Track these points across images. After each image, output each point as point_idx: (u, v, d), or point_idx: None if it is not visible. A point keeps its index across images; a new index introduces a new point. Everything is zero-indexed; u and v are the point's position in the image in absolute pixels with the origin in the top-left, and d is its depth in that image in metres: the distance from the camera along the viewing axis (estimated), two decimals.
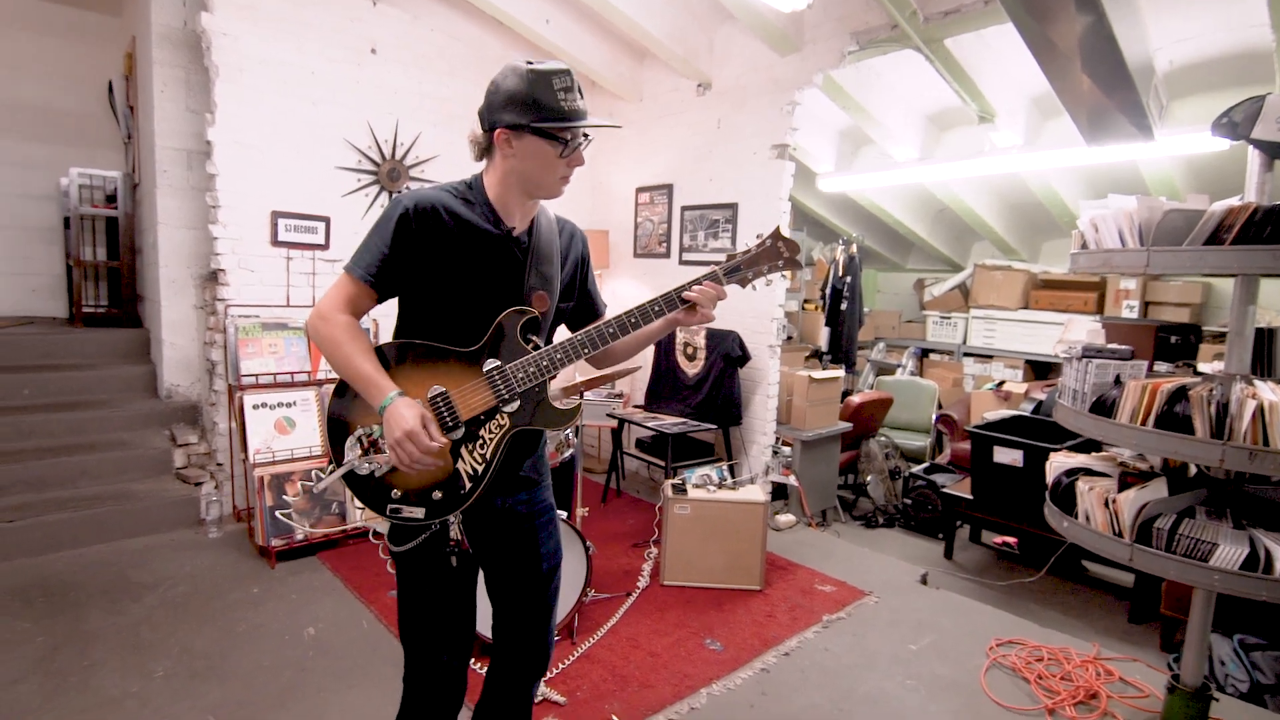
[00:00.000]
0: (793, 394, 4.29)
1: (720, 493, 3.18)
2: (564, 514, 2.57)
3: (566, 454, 2.92)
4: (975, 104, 4.21)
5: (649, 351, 4.71)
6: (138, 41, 4.38)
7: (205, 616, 2.73)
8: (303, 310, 3.98)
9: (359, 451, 1.32)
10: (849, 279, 5.55)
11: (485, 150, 1.36)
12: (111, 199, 4.91)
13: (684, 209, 4.60)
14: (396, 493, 1.33)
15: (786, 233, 1.43)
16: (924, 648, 2.77)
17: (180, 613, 2.75)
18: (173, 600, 2.83)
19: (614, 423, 4.38)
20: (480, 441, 1.33)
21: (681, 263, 4.63)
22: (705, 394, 4.16)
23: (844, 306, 5.54)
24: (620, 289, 5.05)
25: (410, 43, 4.32)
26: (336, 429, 1.35)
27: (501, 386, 1.32)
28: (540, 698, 2.26)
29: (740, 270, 1.42)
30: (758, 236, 1.44)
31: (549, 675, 2.40)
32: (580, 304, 1.58)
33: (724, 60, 4.31)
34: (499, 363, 1.33)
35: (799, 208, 6.62)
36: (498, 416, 1.33)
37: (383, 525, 1.38)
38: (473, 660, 2.26)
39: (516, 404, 1.34)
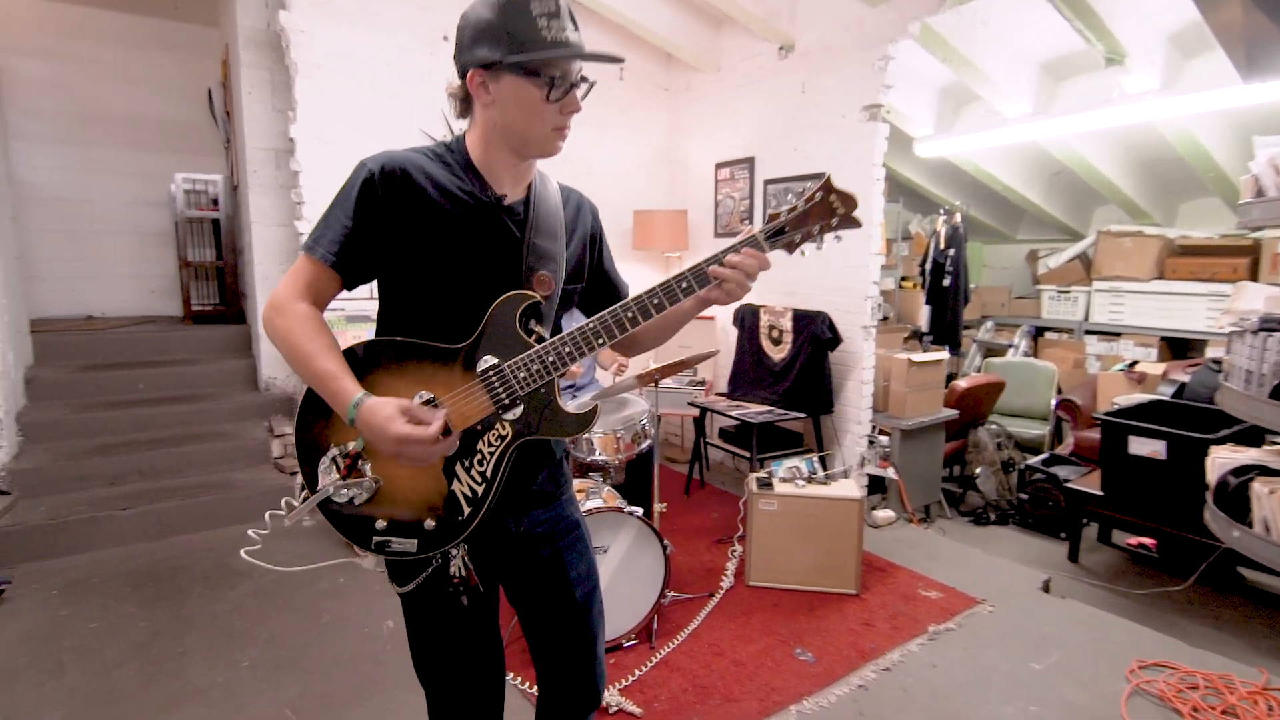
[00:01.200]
0: (890, 379, 3.95)
1: (810, 488, 2.93)
2: (639, 510, 2.41)
3: (644, 445, 2.77)
4: (1102, 44, 3.68)
5: (730, 336, 4.47)
6: (230, 48, 4.55)
7: (292, 605, 2.77)
8: None
9: (335, 475, 1.13)
10: (952, 252, 5.08)
11: (464, 103, 1.16)
12: (215, 202, 5.18)
13: (767, 183, 4.31)
14: (382, 523, 1.13)
15: (841, 185, 1.14)
16: (1049, 667, 2.43)
17: (270, 601, 2.80)
18: (264, 588, 2.90)
19: (695, 411, 4.18)
20: (479, 456, 1.13)
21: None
22: (793, 380, 3.89)
23: (946, 282, 5.07)
24: None
25: None
26: (307, 448, 1.15)
27: (500, 389, 1.12)
28: (615, 708, 2.12)
29: (785, 233, 1.14)
30: (803, 190, 1.16)
31: (624, 683, 2.26)
32: (595, 286, 1.37)
33: (807, 17, 3.98)
34: (495, 360, 1.12)
35: (893, 177, 6.14)
36: (498, 426, 1.13)
37: (369, 560, 1.20)
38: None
39: (520, 409, 1.13)
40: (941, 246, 5.14)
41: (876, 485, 4.02)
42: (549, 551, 1.28)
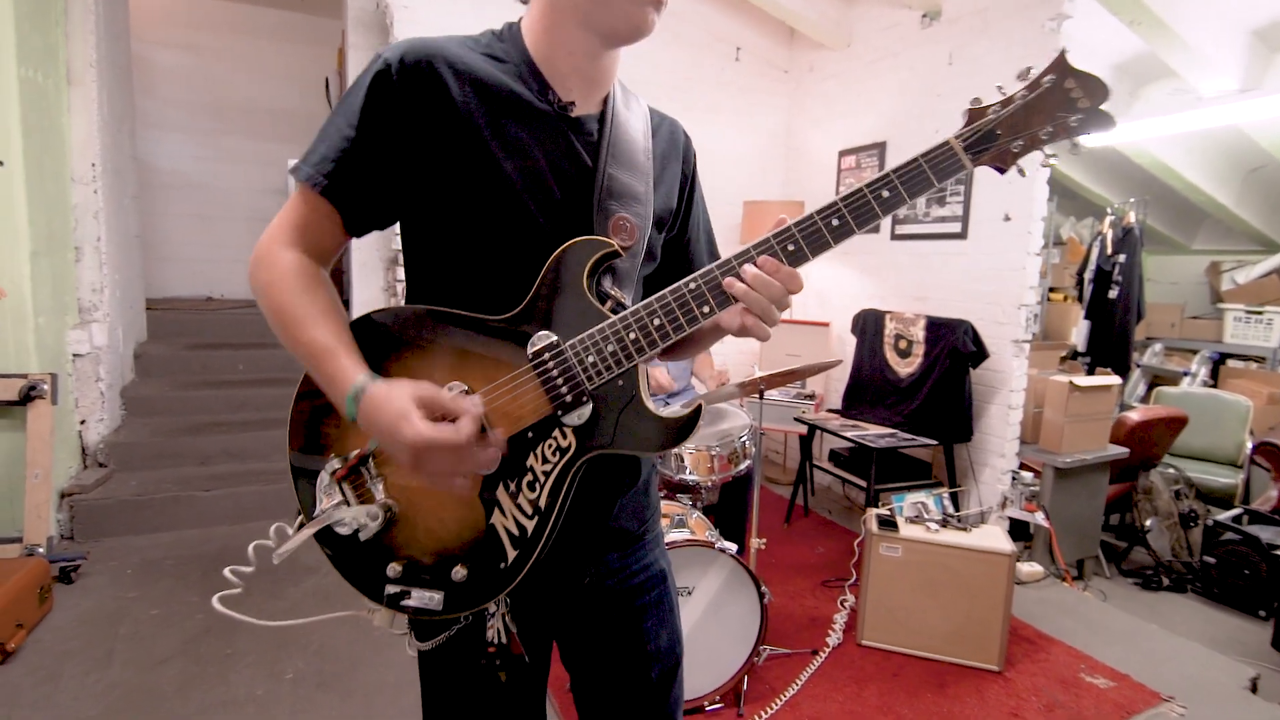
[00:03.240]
0: (1045, 405, 3.30)
1: (946, 533, 2.40)
2: (734, 547, 1.99)
3: (742, 466, 2.35)
4: None
5: (847, 344, 3.95)
6: (345, 34, 4.55)
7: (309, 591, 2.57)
8: None
9: (337, 496, 0.83)
10: (1121, 259, 4.29)
11: None
12: None
13: None
14: (396, 567, 0.82)
15: (1082, 65, 0.73)
16: None
17: (327, 606, 2.60)
18: (325, 589, 2.73)
19: (803, 429, 3.69)
20: (529, 477, 0.79)
21: (895, 237, 3.80)
22: (922, 399, 3.33)
23: (1113, 294, 4.29)
24: (817, 274, 4.32)
25: None
26: (304, 453, 0.86)
27: (560, 380, 0.78)
28: None
29: (995, 138, 0.75)
30: (1023, 75, 0.76)
31: None
32: (680, 242, 1.00)
33: None
34: (554, 338, 0.79)
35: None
36: (556, 434, 0.79)
37: (381, 618, 0.83)
38: None
39: (587, 410, 0.79)
40: (1109, 252, 4.35)
41: (1019, 530, 3.37)
42: (623, 613, 0.94)
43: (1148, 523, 3.66)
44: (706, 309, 0.78)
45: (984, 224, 3.32)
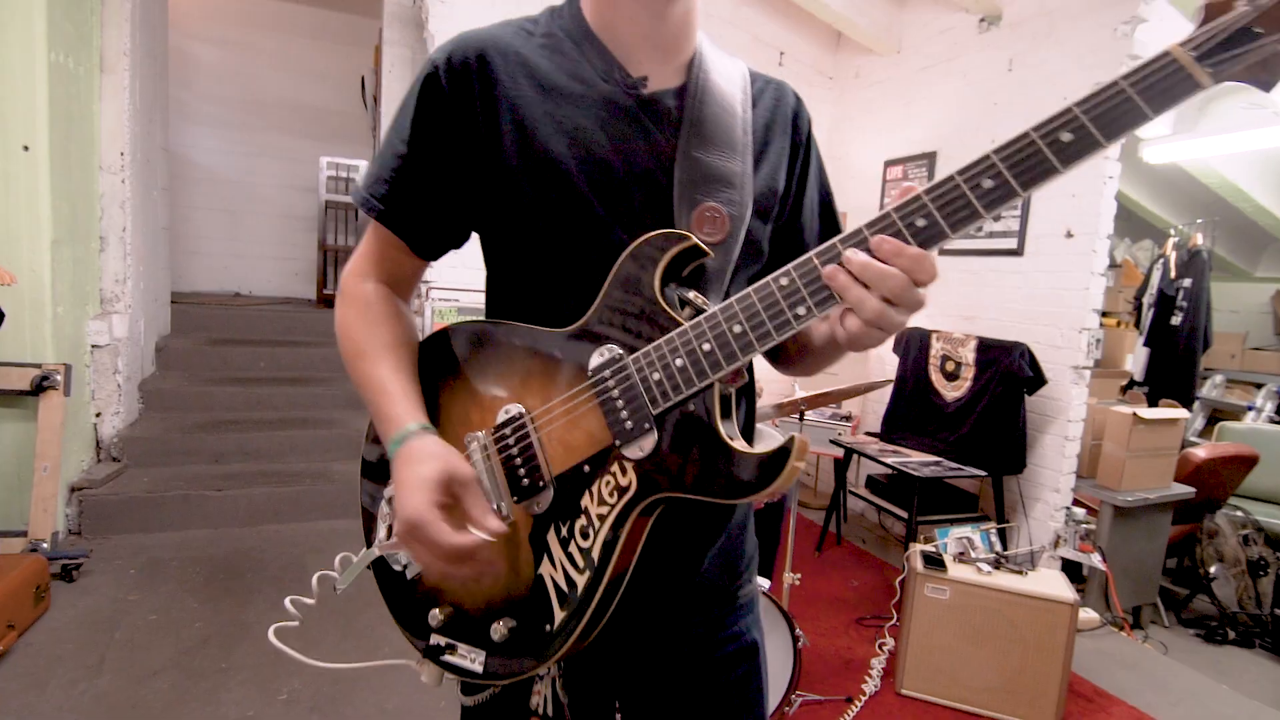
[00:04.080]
0: (1105, 437, 3.06)
1: (1000, 576, 2.18)
2: (766, 583, 1.81)
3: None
4: None
5: (888, 364, 3.74)
6: (381, 31, 4.50)
7: (355, 628, 2.43)
8: None
9: (387, 527, 0.75)
10: (1187, 283, 4.01)
11: None
12: None
13: None
14: (438, 614, 0.72)
15: None
16: None
17: (334, 618, 2.48)
18: (334, 602, 2.59)
19: (838, 452, 3.49)
20: (582, 521, 0.66)
21: (942, 252, 3.58)
22: (971, 426, 3.10)
23: (1176, 320, 4.01)
24: None
25: None
26: (370, 479, 0.82)
27: (620, 401, 0.65)
28: None
29: (1255, 38, 0.50)
30: None
31: None
32: (791, 230, 0.82)
33: None
34: (618, 351, 0.66)
35: None
36: (615, 468, 0.65)
37: (429, 674, 0.69)
38: None
39: (651, 438, 0.64)
40: (1172, 275, 4.08)
41: (1071, 572, 3.12)
42: (704, 692, 0.79)
43: (1212, 569, 3.37)
44: (802, 310, 0.60)
45: (1043, 240, 3.11)
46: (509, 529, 0.68)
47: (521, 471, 0.69)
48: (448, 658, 0.71)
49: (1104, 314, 5.43)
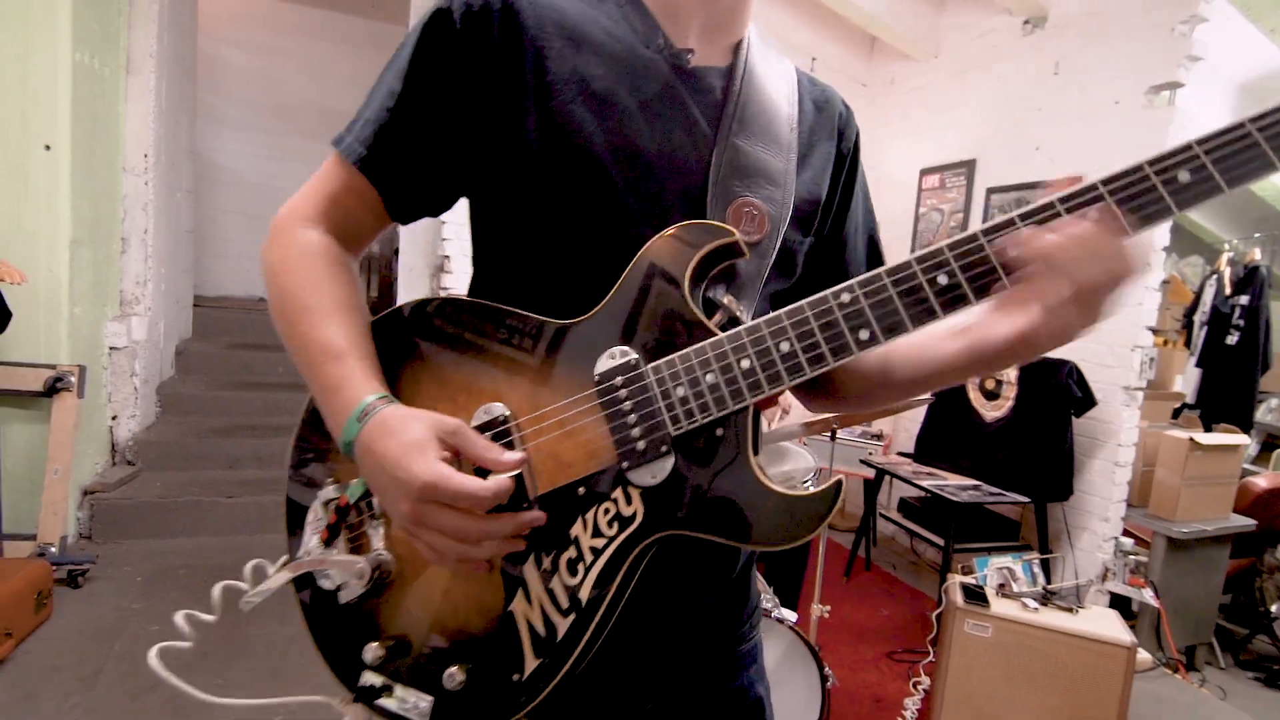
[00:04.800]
0: (1157, 463, 2.86)
1: (1047, 613, 2.01)
2: (792, 616, 1.67)
3: None
4: None
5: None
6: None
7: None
8: None
9: (318, 537, 0.62)
10: (1244, 300, 3.79)
11: None
12: None
13: (990, 191, 3.39)
14: (377, 650, 0.59)
15: None
16: None
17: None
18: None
19: (869, 472, 3.32)
20: (571, 553, 0.56)
21: None
22: (1012, 449, 2.92)
23: (1232, 339, 3.79)
24: None
25: None
26: (300, 476, 0.67)
27: (633, 416, 0.55)
28: None
29: None
30: None
31: None
32: (833, 247, 0.73)
33: None
34: (633, 355, 0.56)
35: None
36: (618, 494, 0.55)
37: (354, 715, 0.56)
38: None
39: (667, 464, 0.54)
40: (1227, 293, 3.86)
41: (1120, 607, 2.92)
42: None
43: (1273, 607, 3.14)
44: (866, 335, 0.52)
45: None
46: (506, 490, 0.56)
47: None
48: (384, 702, 0.59)
49: (1154, 330, 5.21)
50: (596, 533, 0.55)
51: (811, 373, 0.53)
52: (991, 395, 3.08)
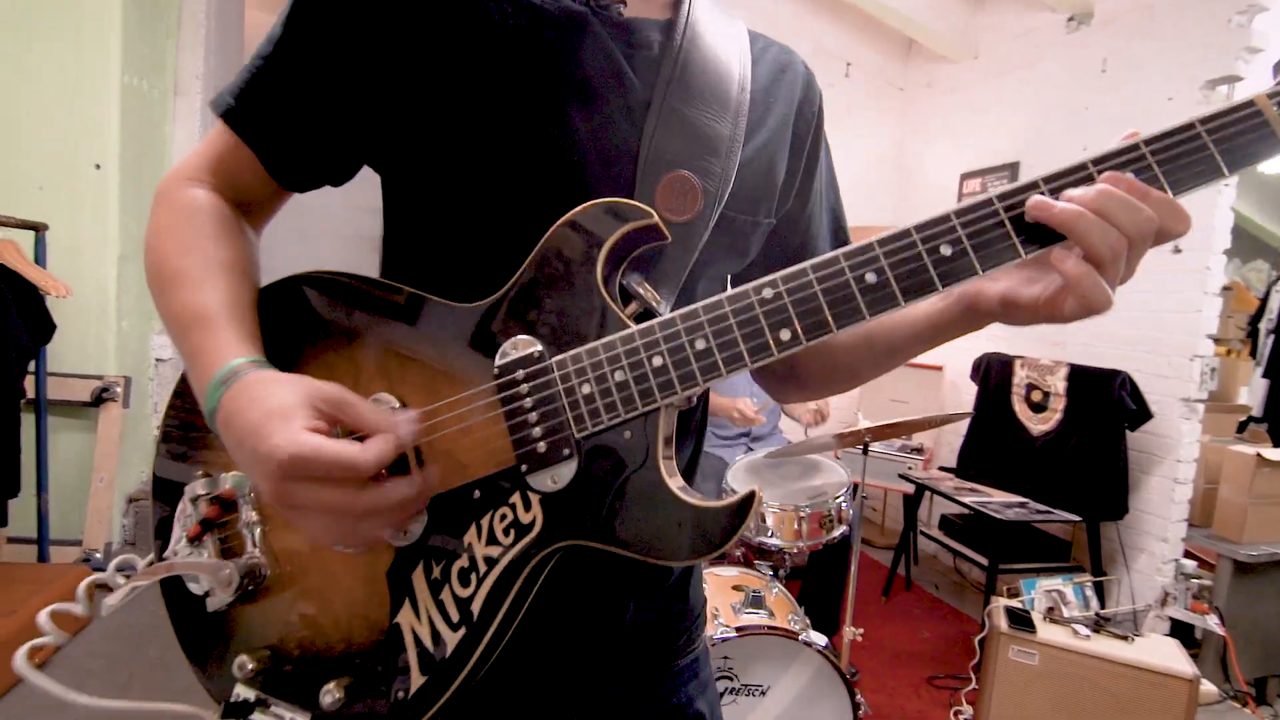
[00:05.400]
0: (1221, 481, 2.68)
1: (1099, 641, 1.89)
2: (823, 640, 1.60)
3: (836, 533, 1.95)
4: None
5: (964, 394, 3.43)
6: None
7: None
8: None
9: (186, 535, 0.57)
10: None
11: None
12: None
13: None
14: (248, 662, 0.53)
15: None
16: None
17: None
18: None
19: (909, 487, 3.20)
20: (462, 561, 0.51)
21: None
22: (1061, 465, 2.78)
23: None
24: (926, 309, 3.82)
25: None
26: (169, 467, 0.61)
27: (534, 414, 0.50)
28: None
29: None
30: None
31: None
32: (791, 226, 0.68)
33: None
34: (537, 347, 0.51)
35: None
36: (516, 499, 0.51)
37: None
38: None
39: (569, 468, 0.50)
40: None
41: (1182, 635, 2.74)
42: None
43: None
44: (788, 335, 0.47)
45: (1145, 257, 2.78)
46: (415, 486, 0.49)
47: None
48: (257, 718, 0.54)
49: (1216, 340, 4.94)
50: (492, 540, 0.50)
51: (728, 371, 0.48)
52: (1038, 408, 2.93)
